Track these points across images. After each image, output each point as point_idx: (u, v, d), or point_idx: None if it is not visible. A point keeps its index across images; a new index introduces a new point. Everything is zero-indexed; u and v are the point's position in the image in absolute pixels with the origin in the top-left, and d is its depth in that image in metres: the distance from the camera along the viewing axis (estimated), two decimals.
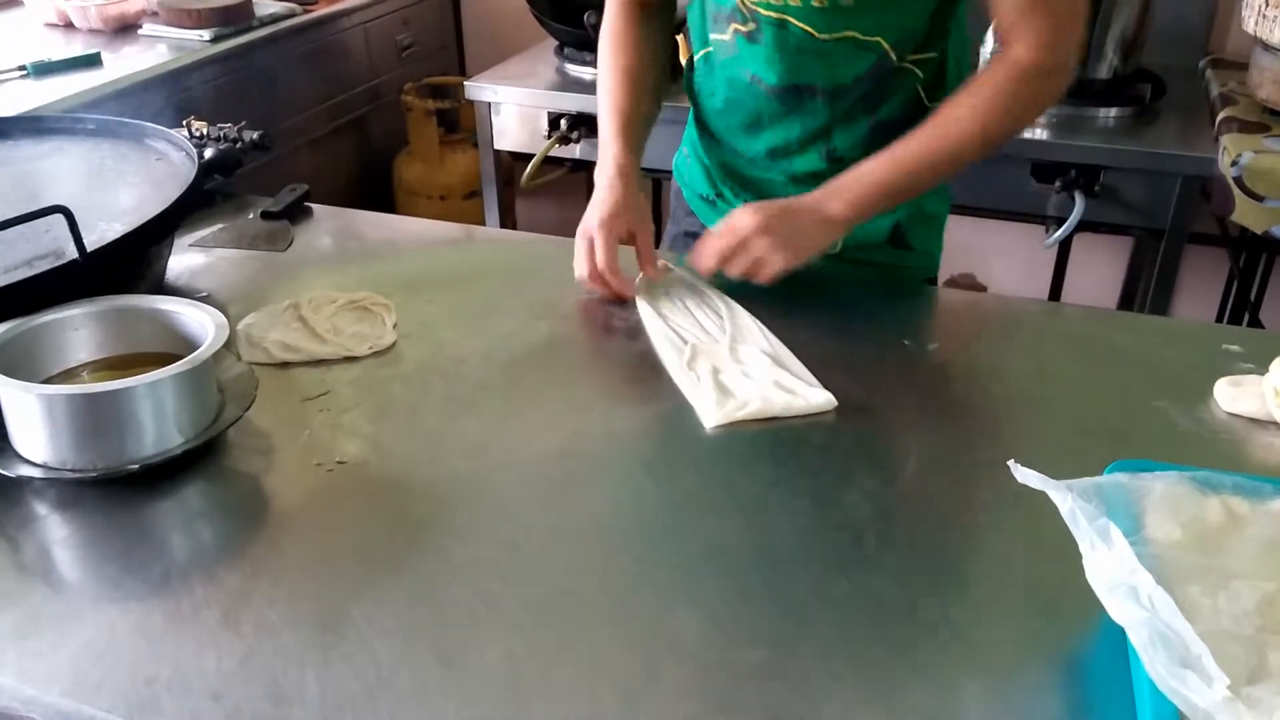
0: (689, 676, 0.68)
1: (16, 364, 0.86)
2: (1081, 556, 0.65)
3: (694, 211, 1.37)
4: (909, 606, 0.74)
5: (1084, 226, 1.95)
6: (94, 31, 2.26)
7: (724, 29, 1.17)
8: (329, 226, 1.36)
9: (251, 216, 1.35)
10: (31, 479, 0.83)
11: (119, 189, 1.12)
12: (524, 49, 2.49)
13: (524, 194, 2.55)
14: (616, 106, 1.22)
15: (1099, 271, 2.64)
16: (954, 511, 0.85)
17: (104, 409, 0.82)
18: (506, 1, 2.83)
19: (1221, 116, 1.93)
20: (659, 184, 2.72)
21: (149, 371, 0.83)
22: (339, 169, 2.71)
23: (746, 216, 1.07)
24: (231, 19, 2.25)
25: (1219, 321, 2.37)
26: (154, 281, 1.13)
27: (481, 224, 2.50)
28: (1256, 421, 0.94)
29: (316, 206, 1.39)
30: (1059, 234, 1.93)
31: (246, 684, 0.67)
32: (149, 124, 1.23)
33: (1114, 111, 2.00)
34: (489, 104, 2.30)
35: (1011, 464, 0.69)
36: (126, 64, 2.05)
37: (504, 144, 2.34)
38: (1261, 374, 0.97)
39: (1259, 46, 1.93)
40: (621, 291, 1.12)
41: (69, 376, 0.92)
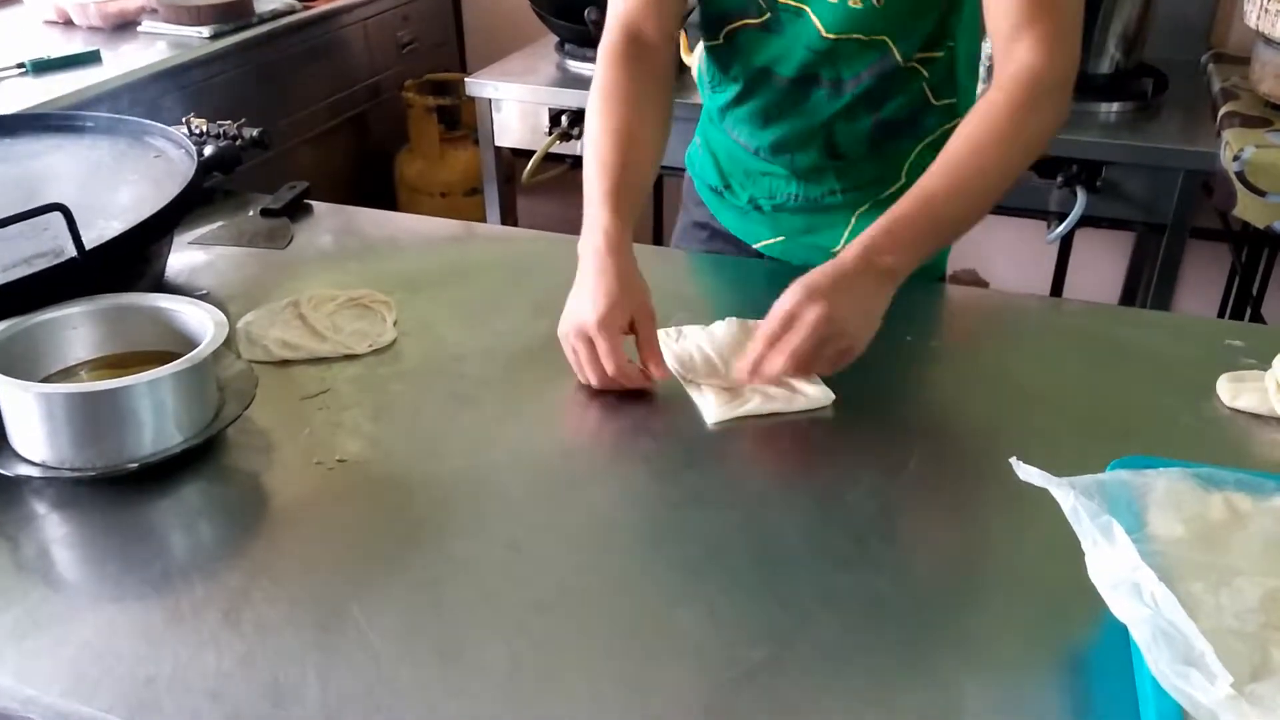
0: (689, 674, 0.68)
1: (15, 363, 0.86)
2: (1084, 554, 0.65)
3: (704, 202, 1.37)
4: (910, 605, 0.74)
5: (1086, 222, 1.95)
6: (93, 29, 2.26)
7: (737, 20, 1.16)
8: (329, 224, 1.35)
9: (251, 214, 1.35)
10: (30, 478, 0.83)
11: (118, 187, 1.12)
12: (525, 45, 2.49)
13: (525, 191, 2.55)
14: (605, 167, 1.05)
15: (1101, 267, 2.64)
16: (956, 509, 0.85)
17: (103, 408, 0.82)
18: None
19: (1223, 111, 1.92)
20: (661, 179, 2.72)
21: (148, 370, 0.83)
22: (339, 166, 2.71)
23: (807, 308, 0.91)
24: (231, 16, 2.25)
25: (1221, 317, 2.36)
26: (153, 279, 1.12)
27: (482, 221, 2.50)
28: (1259, 417, 0.94)
29: (316, 204, 1.39)
30: (1061, 229, 1.92)
31: (246, 683, 0.67)
32: (148, 121, 1.23)
33: (1116, 106, 2.00)
34: (490, 100, 2.30)
35: (1013, 461, 0.69)
36: (126, 61, 2.05)
37: (505, 140, 2.34)
38: (1264, 369, 0.97)
39: (1261, 41, 1.92)
40: (642, 385, 0.98)
41: (68, 375, 0.92)
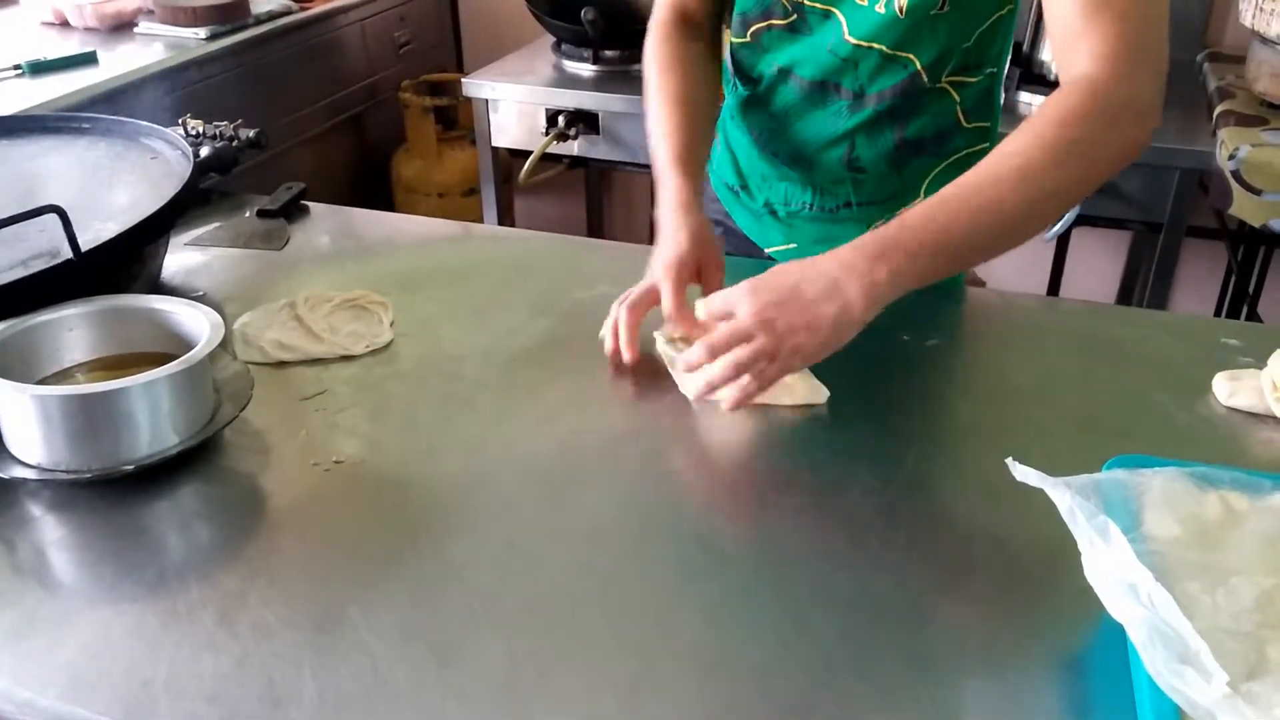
0: (688, 676, 0.68)
1: (11, 365, 0.86)
2: (1080, 554, 0.65)
3: (719, 199, 1.36)
4: (908, 604, 0.74)
5: (1082, 221, 1.95)
6: (90, 30, 2.26)
7: (763, 20, 1.15)
8: (326, 225, 1.35)
9: (248, 215, 1.35)
10: (26, 480, 0.83)
11: (114, 188, 1.12)
12: (521, 45, 2.49)
13: (522, 191, 2.55)
14: (671, 132, 1.11)
15: (1097, 266, 2.64)
16: (953, 508, 0.85)
17: (99, 409, 0.82)
18: None
19: (1219, 110, 1.93)
20: None
21: (144, 371, 0.83)
22: (336, 167, 2.70)
23: (749, 321, 0.86)
24: (228, 17, 2.25)
25: (1217, 315, 2.36)
26: (149, 281, 1.12)
27: (480, 221, 2.50)
28: (1255, 416, 0.94)
29: (313, 205, 1.39)
30: (1058, 228, 1.93)
31: (243, 686, 0.67)
32: (144, 122, 1.23)
33: None
34: (487, 101, 2.29)
35: (1010, 462, 0.69)
36: (122, 62, 2.05)
37: (502, 141, 2.34)
38: (1260, 368, 0.97)
39: (1256, 40, 1.92)
40: (619, 360, 1.00)
41: (63, 377, 0.91)
